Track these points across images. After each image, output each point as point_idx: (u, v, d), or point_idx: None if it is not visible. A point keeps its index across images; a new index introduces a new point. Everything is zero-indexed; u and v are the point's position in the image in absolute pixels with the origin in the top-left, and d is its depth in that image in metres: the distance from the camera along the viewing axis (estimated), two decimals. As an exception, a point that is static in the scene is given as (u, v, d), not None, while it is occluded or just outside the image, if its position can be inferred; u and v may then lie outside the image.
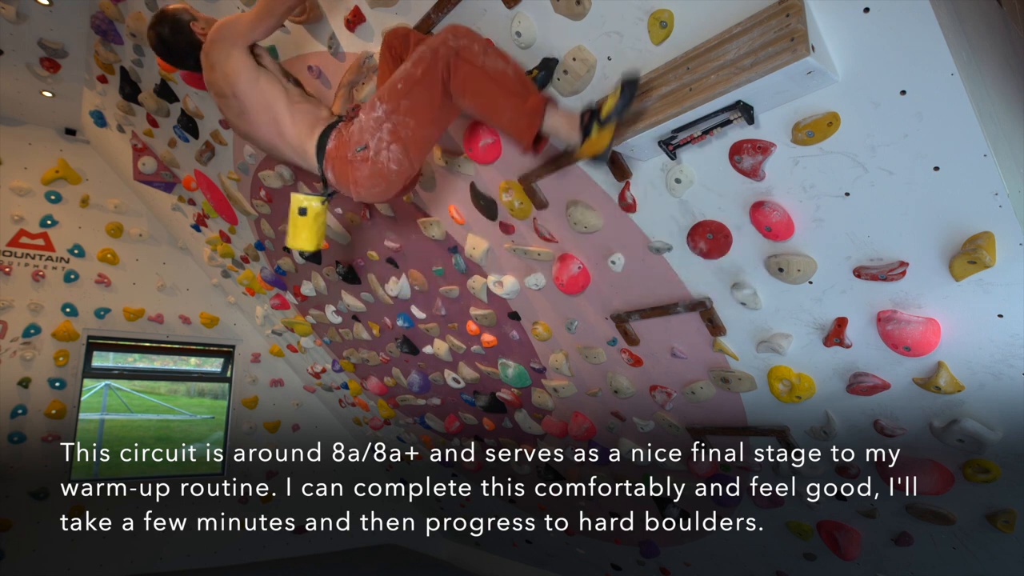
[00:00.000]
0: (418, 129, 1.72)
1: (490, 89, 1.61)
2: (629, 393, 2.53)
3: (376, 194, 1.84)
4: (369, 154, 1.74)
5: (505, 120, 1.63)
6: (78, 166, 4.89)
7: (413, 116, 1.70)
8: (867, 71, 1.26)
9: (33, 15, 3.48)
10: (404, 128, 1.70)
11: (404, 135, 1.71)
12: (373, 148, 1.73)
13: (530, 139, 1.61)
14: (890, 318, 1.58)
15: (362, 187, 1.81)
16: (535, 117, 1.59)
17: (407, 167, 1.77)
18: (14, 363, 4.46)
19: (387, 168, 1.75)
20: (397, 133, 1.71)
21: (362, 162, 1.75)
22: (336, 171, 1.82)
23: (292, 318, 4.46)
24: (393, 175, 1.77)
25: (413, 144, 1.74)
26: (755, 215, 1.63)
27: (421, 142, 1.75)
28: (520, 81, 1.64)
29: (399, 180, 1.80)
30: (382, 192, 1.83)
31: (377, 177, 1.77)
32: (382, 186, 1.80)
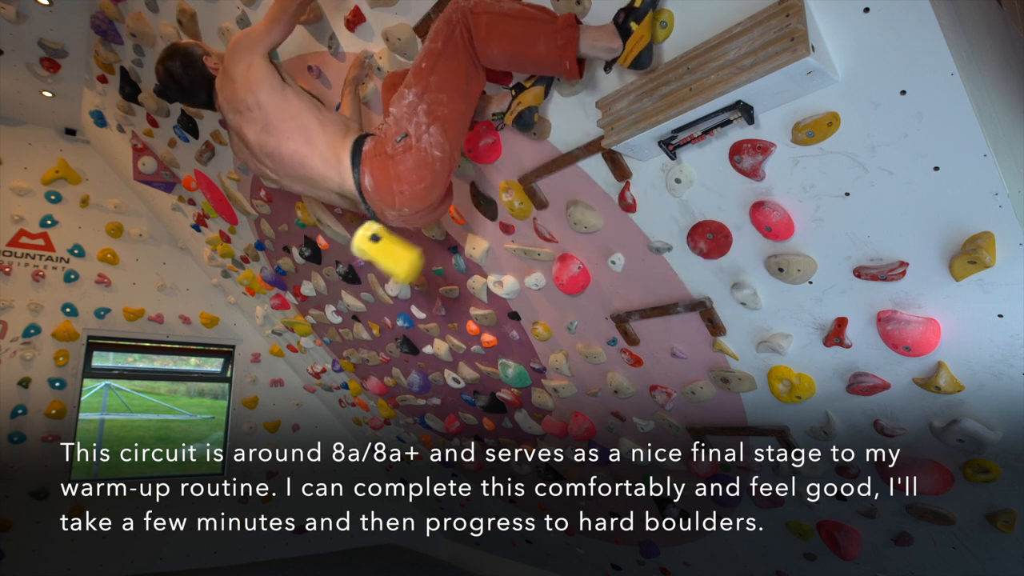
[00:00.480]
0: (452, 104, 1.65)
1: (515, 26, 1.54)
2: (629, 393, 2.53)
3: (421, 192, 1.73)
4: (411, 142, 1.66)
5: (541, 50, 1.52)
6: (78, 166, 4.89)
7: (444, 91, 1.63)
8: (867, 71, 1.26)
9: (33, 15, 3.48)
10: (439, 105, 1.64)
11: (440, 113, 1.65)
12: (414, 134, 1.65)
13: (573, 57, 1.50)
14: (890, 318, 1.58)
15: (406, 184, 1.70)
16: (571, 32, 1.49)
17: (448, 151, 1.69)
18: (14, 363, 4.46)
19: (431, 155, 1.67)
20: (433, 112, 1.65)
21: (404, 152, 1.67)
22: (376, 173, 1.72)
23: (292, 318, 4.46)
24: (437, 163, 1.69)
25: (450, 122, 1.67)
26: (755, 215, 1.63)
27: (457, 119, 1.69)
28: (542, 9, 1.57)
29: (443, 171, 1.71)
30: (427, 188, 1.72)
31: (422, 168, 1.68)
32: (428, 180, 1.70)
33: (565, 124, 1.86)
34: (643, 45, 1.45)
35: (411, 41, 1.99)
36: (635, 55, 1.46)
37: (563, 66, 1.53)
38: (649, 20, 1.44)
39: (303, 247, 3.49)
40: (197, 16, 2.73)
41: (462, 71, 1.62)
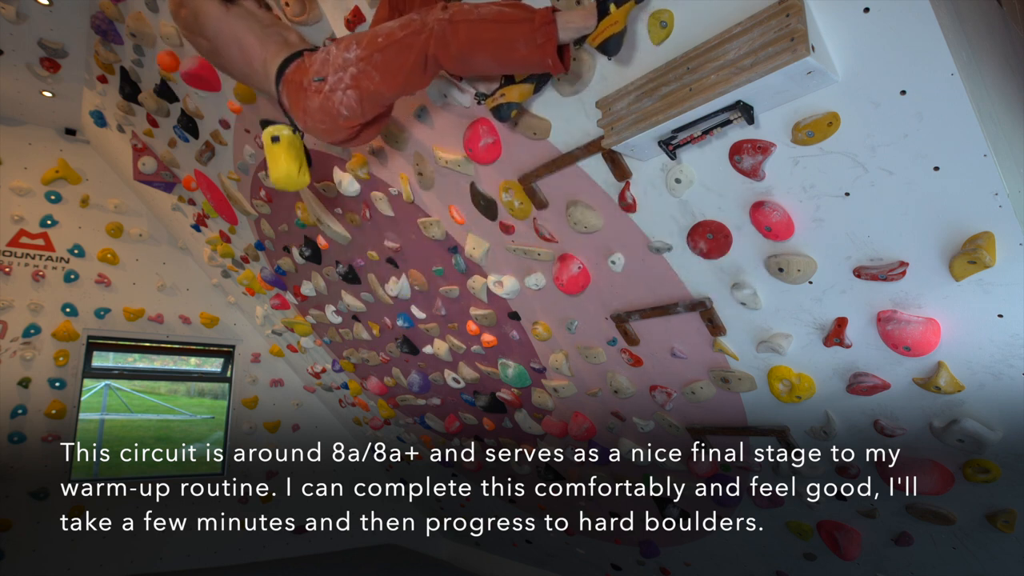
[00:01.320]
0: (381, 86, 1.68)
1: (494, 32, 1.55)
2: (629, 393, 2.53)
3: (320, 130, 1.80)
4: (324, 88, 1.70)
5: (523, 52, 1.54)
6: (78, 166, 4.89)
7: (380, 72, 1.66)
8: (867, 71, 1.26)
9: (33, 15, 3.48)
10: (368, 80, 1.67)
11: (365, 86, 1.68)
12: (330, 84, 1.69)
13: (554, 54, 1.51)
14: (890, 318, 1.58)
15: (309, 118, 1.77)
16: (549, 29, 1.51)
17: (356, 118, 1.74)
18: (14, 363, 4.46)
19: (336, 110, 1.71)
20: (359, 82, 1.67)
21: (315, 93, 1.71)
22: (289, 95, 1.79)
23: (292, 318, 4.46)
24: (340, 120, 1.74)
25: (370, 98, 1.71)
26: (755, 215, 1.63)
27: (378, 99, 1.72)
28: (518, 7, 1.58)
29: (344, 127, 1.78)
30: (326, 131, 1.80)
31: (324, 114, 1.73)
32: (327, 124, 1.76)
33: (565, 124, 1.86)
34: (615, 30, 1.46)
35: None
36: (605, 37, 1.47)
37: (546, 64, 1.54)
38: (628, 8, 1.45)
39: (303, 247, 3.49)
40: (197, 16, 2.73)
41: (407, 68, 1.64)
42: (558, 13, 1.51)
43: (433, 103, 2.16)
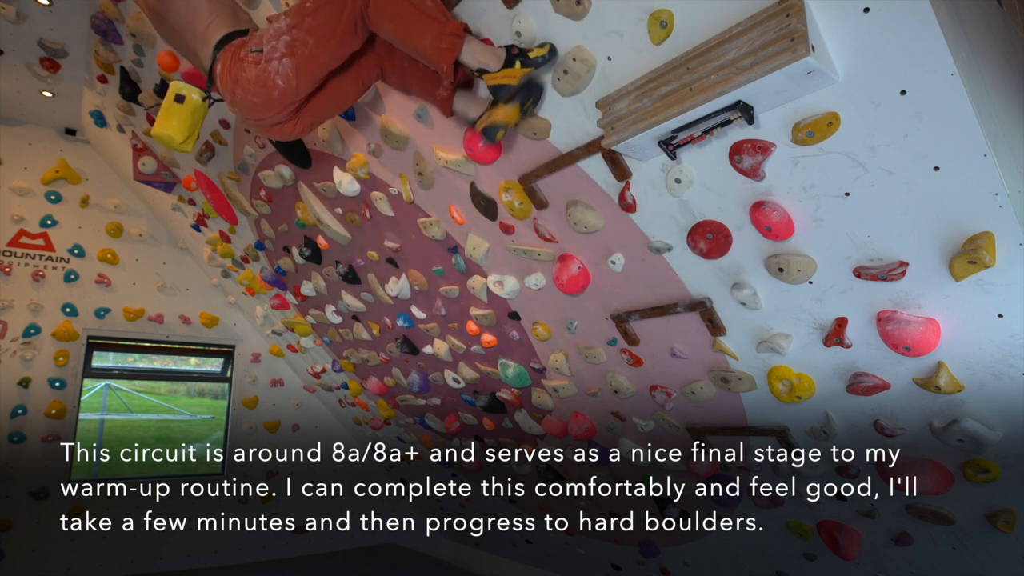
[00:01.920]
0: (315, 50, 1.70)
1: (409, 12, 1.63)
2: (629, 393, 2.53)
3: (252, 105, 1.79)
4: (261, 59, 1.72)
5: (426, 42, 1.64)
6: (78, 166, 4.89)
7: (314, 35, 1.69)
8: (867, 71, 1.26)
9: (33, 15, 3.48)
10: (302, 46, 1.70)
11: (300, 52, 1.70)
12: (266, 54, 1.71)
13: (451, 60, 1.63)
14: (890, 318, 1.58)
15: (240, 89, 1.77)
16: (456, 38, 1.62)
17: (292, 89, 1.75)
18: (14, 363, 4.46)
19: (272, 80, 1.72)
20: (294, 48, 1.70)
21: (252, 64, 1.73)
22: (224, 66, 1.79)
23: (292, 318, 4.46)
24: (276, 91, 1.74)
25: (306, 65, 1.72)
26: (755, 215, 1.63)
27: (314, 66, 1.74)
28: (440, 9, 1.67)
29: (280, 100, 1.77)
30: (259, 105, 1.79)
31: (259, 86, 1.74)
32: (261, 97, 1.76)
33: (565, 124, 1.86)
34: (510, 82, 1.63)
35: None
36: (499, 82, 1.64)
37: (441, 67, 1.66)
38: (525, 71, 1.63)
39: (303, 247, 3.49)
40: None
41: (338, 28, 1.68)
42: (469, 36, 1.66)
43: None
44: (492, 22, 1.78)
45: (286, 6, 2.20)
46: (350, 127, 2.59)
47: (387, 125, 2.38)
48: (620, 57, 1.59)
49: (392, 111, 2.34)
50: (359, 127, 2.56)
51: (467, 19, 1.82)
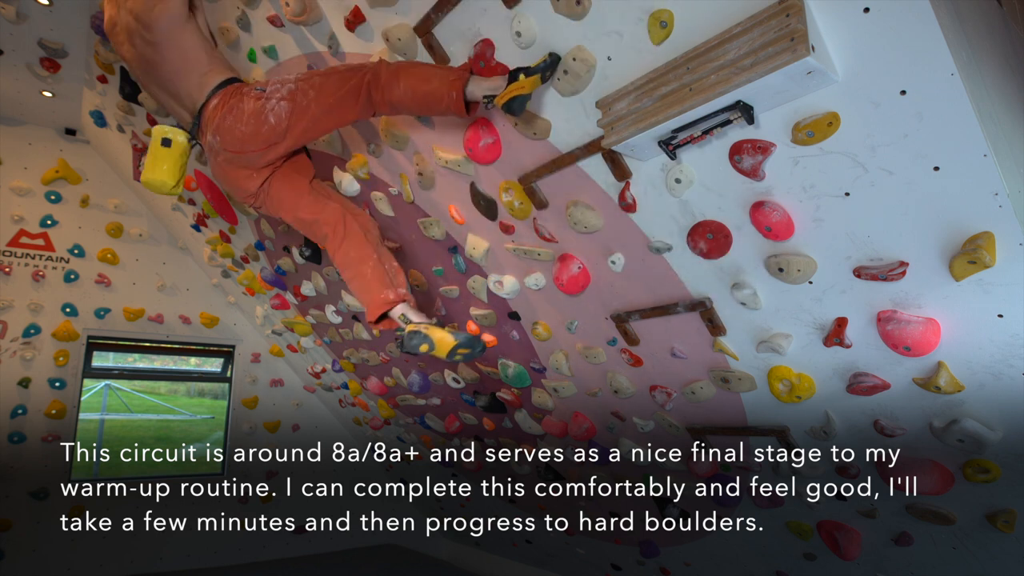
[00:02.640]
0: (313, 102, 1.86)
1: (418, 69, 1.84)
2: (629, 393, 2.53)
3: (239, 134, 1.89)
4: (262, 96, 1.87)
5: (435, 85, 1.79)
6: (78, 166, 4.89)
7: (316, 90, 1.86)
8: (867, 71, 1.26)
9: (33, 15, 3.47)
10: (303, 96, 1.86)
11: (299, 101, 1.86)
12: (268, 93, 1.87)
13: (460, 89, 1.76)
14: (890, 318, 1.58)
15: (233, 118, 1.87)
16: (463, 74, 1.78)
17: (280, 130, 1.88)
18: (14, 363, 4.46)
19: (265, 116, 1.86)
20: (294, 96, 1.86)
21: (252, 99, 1.87)
22: (221, 100, 1.90)
23: (292, 318, 4.46)
24: (265, 126, 1.87)
25: (300, 113, 1.87)
26: (755, 215, 1.63)
27: (306, 117, 1.88)
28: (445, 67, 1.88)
29: (264, 136, 1.89)
30: (245, 135, 1.89)
31: (252, 117, 1.86)
32: (250, 128, 1.87)
33: (565, 124, 1.86)
34: (520, 93, 1.68)
35: (411, 41, 1.99)
36: (510, 97, 1.68)
37: (450, 96, 1.77)
38: (535, 80, 1.67)
39: (303, 247, 3.49)
40: (197, 16, 2.73)
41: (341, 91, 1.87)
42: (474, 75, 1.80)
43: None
44: (492, 22, 1.78)
45: (286, 6, 2.20)
46: (350, 127, 2.59)
47: (387, 125, 2.38)
48: (620, 57, 1.59)
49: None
50: (359, 127, 2.56)
51: (467, 20, 1.82)
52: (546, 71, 1.68)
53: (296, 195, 2.08)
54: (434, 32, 1.93)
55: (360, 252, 2.03)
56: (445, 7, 1.82)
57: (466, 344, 1.95)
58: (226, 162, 1.98)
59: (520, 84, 1.66)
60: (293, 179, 2.09)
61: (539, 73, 1.67)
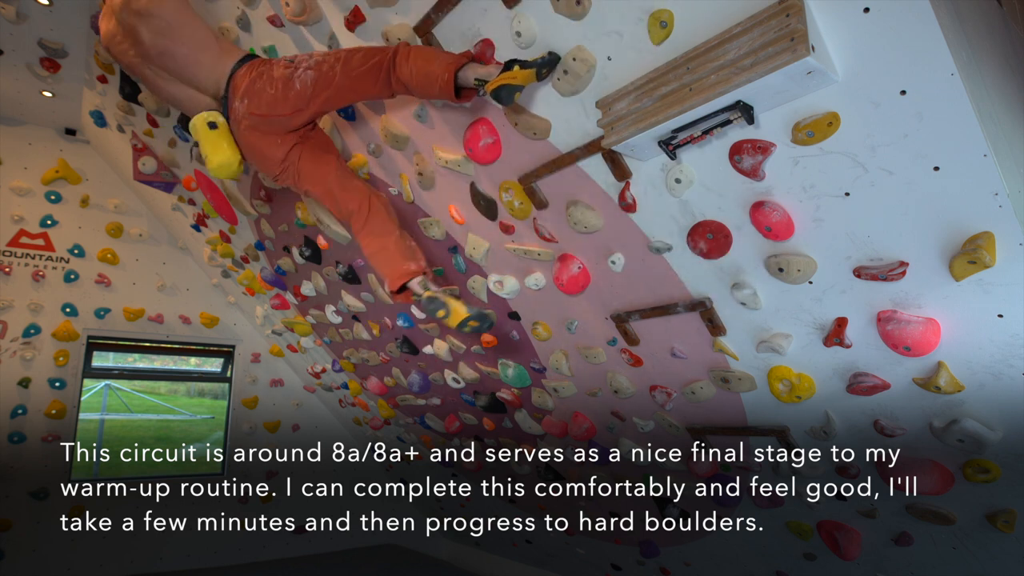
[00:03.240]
0: (338, 73, 1.94)
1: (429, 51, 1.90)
2: (629, 393, 2.53)
3: (267, 97, 1.97)
4: (291, 66, 1.97)
5: (434, 67, 1.84)
6: (78, 166, 4.89)
7: (341, 63, 1.94)
8: (867, 71, 1.26)
9: (33, 15, 3.47)
10: (329, 68, 1.94)
11: (325, 71, 1.95)
12: (295, 64, 1.97)
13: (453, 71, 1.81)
14: (890, 318, 1.58)
15: (262, 81, 1.96)
16: (461, 58, 1.84)
17: (306, 95, 1.96)
18: (14, 363, 4.46)
19: (291, 82, 1.95)
20: (321, 67, 1.95)
21: (282, 67, 1.97)
22: (252, 68, 2.00)
23: (292, 318, 4.46)
24: (291, 93, 1.96)
25: (326, 84, 1.95)
26: (755, 215, 1.63)
27: (331, 86, 1.95)
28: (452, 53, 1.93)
29: (292, 100, 1.97)
30: (273, 98, 1.97)
31: (281, 82, 1.95)
32: (278, 90, 1.96)
33: (565, 124, 1.86)
34: (511, 83, 1.69)
35: (411, 41, 1.99)
36: (499, 84, 1.70)
37: (442, 78, 1.82)
38: (530, 74, 1.68)
39: (303, 247, 3.49)
40: (197, 16, 2.73)
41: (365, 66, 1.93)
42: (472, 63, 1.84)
43: (433, 104, 2.16)
44: (492, 22, 1.78)
45: (286, 6, 2.20)
46: (350, 127, 2.59)
47: (387, 125, 2.38)
48: (620, 57, 1.59)
49: (392, 111, 2.34)
50: (359, 127, 2.56)
51: (467, 20, 1.82)
52: (543, 68, 1.68)
53: (325, 170, 2.17)
54: (434, 32, 1.93)
55: (384, 227, 2.17)
56: (445, 7, 1.82)
57: (477, 318, 2.08)
58: (251, 127, 2.04)
59: (513, 74, 1.68)
60: (321, 156, 2.17)
61: (535, 68, 1.67)
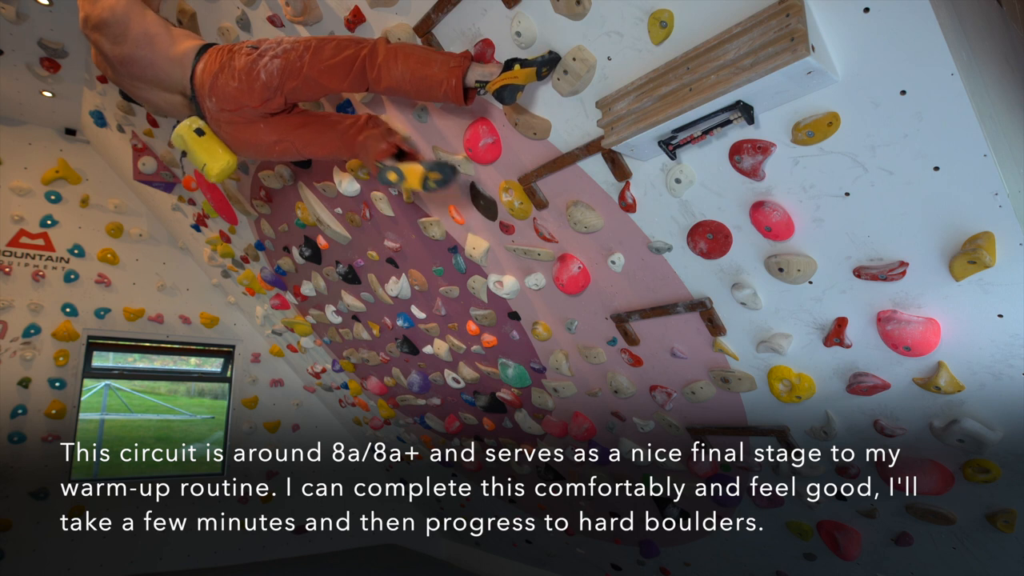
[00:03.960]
0: (305, 64, 1.87)
1: (418, 52, 1.82)
2: (629, 393, 2.53)
3: (231, 90, 1.91)
4: (254, 53, 1.90)
5: (434, 70, 1.79)
6: (78, 166, 4.89)
7: (311, 55, 1.87)
8: (867, 71, 1.26)
9: (33, 15, 3.48)
10: (296, 56, 1.87)
11: (291, 60, 1.87)
12: (260, 51, 1.90)
13: (460, 77, 1.76)
14: (890, 318, 1.58)
15: (224, 75, 1.90)
16: (464, 61, 1.78)
17: (272, 87, 1.90)
18: (14, 363, 4.46)
19: (256, 72, 1.88)
20: (288, 55, 1.88)
21: (244, 55, 1.90)
22: (210, 62, 1.94)
23: (292, 318, 4.46)
24: (256, 83, 1.89)
25: (293, 74, 1.88)
26: (755, 215, 1.63)
27: (298, 76, 1.89)
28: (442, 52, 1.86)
29: (259, 91, 1.91)
30: (237, 90, 1.91)
31: (244, 74, 1.89)
32: (242, 83, 1.90)
33: (565, 124, 1.86)
34: (512, 82, 1.69)
35: (411, 41, 1.99)
36: (501, 84, 1.70)
37: (449, 83, 1.77)
38: (530, 73, 1.68)
39: (303, 247, 3.49)
40: (197, 16, 2.73)
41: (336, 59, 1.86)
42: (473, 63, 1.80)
43: (433, 104, 2.16)
44: (492, 22, 1.78)
45: (286, 6, 2.20)
46: (350, 127, 2.58)
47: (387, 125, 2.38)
48: (620, 57, 1.59)
49: (392, 111, 2.34)
50: (359, 127, 2.56)
51: (467, 20, 1.82)
52: (543, 67, 1.68)
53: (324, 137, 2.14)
54: (434, 32, 1.93)
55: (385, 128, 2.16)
56: (445, 7, 1.82)
57: (435, 168, 1.96)
58: (230, 123, 2.01)
59: (514, 74, 1.68)
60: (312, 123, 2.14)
61: (535, 67, 1.68)
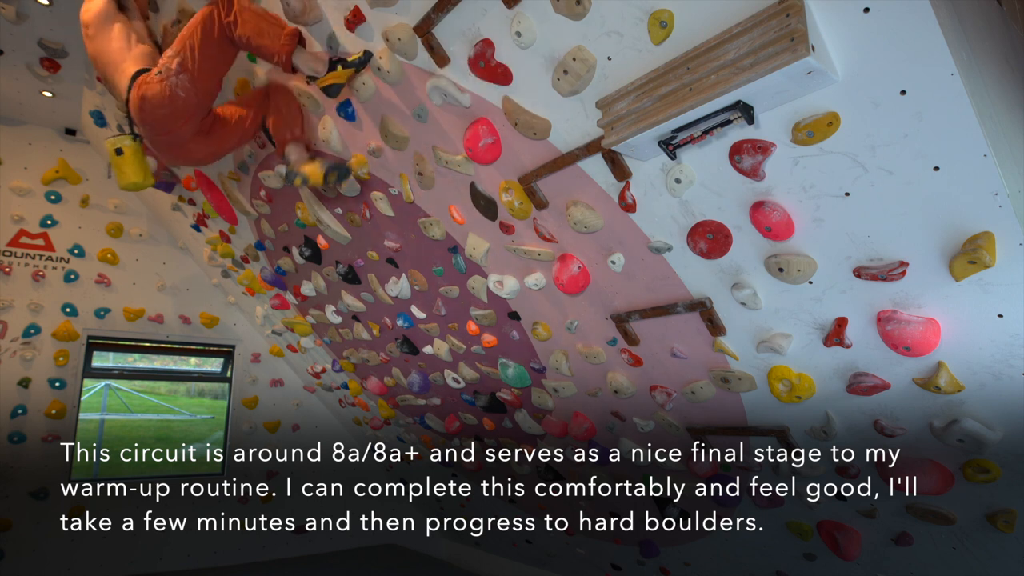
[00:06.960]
0: (201, 61, 2.16)
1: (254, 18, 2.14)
2: (629, 393, 2.53)
3: (161, 119, 2.22)
4: (161, 77, 2.18)
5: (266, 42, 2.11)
6: (78, 166, 4.89)
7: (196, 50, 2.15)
8: (867, 71, 1.26)
9: (33, 15, 3.48)
10: (190, 60, 2.15)
11: (190, 65, 2.17)
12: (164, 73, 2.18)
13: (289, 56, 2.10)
14: (890, 318, 1.58)
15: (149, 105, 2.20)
16: (292, 40, 2.12)
17: (193, 97, 2.20)
18: (14, 363, 4.46)
19: (174, 93, 2.17)
20: (185, 64, 2.17)
21: (156, 83, 2.19)
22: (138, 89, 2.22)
23: (292, 318, 4.46)
24: (179, 101, 2.19)
25: (199, 75, 2.18)
26: (755, 215, 1.63)
27: (205, 76, 2.20)
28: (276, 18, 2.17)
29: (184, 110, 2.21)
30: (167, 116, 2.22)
31: (164, 99, 2.18)
32: (167, 108, 2.20)
33: (565, 124, 1.86)
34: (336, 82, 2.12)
35: (411, 41, 1.99)
36: (327, 84, 2.14)
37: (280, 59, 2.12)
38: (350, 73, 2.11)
39: (303, 247, 3.49)
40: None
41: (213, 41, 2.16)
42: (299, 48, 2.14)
43: (433, 103, 2.16)
44: (492, 22, 1.78)
45: (286, 6, 2.20)
46: (350, 127, 2.58)
47: (387, 125, 2.38)
48: (620, 57, 1.59)
49: (392, 111, 2.34)
50: (359, 127, 2.56)
51: (467, 20, 1.82)
52: (359, 67, 2.08)
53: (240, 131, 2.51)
54: (434, 32, 1.93)
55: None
56: (445, 7, 1.82)
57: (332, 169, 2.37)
58: (168, 147, 2.33)
59: (337, 74, 2.07)
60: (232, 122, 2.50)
61: (353, 68, 2.06)
